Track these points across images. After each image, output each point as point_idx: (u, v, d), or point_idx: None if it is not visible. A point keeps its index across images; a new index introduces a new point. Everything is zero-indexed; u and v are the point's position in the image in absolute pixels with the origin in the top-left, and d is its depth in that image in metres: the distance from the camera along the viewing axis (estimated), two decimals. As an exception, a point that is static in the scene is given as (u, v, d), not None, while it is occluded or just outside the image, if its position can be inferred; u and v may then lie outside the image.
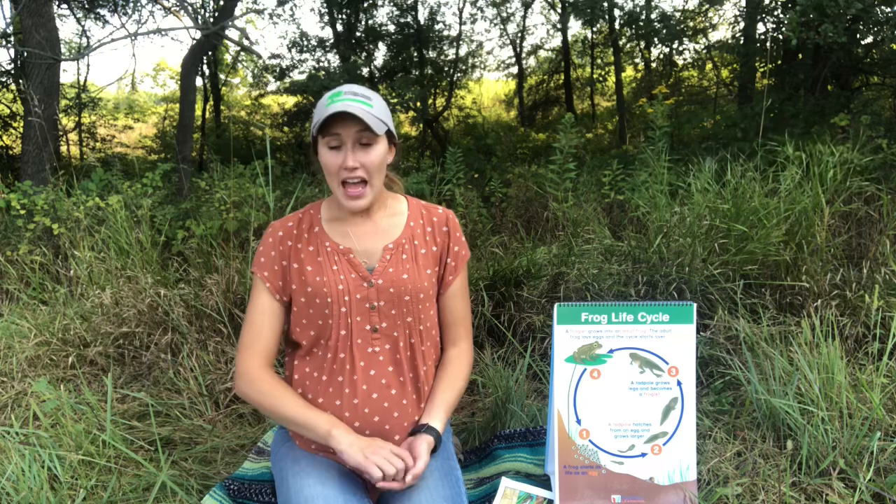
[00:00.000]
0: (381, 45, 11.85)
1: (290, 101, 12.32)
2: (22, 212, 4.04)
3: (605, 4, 7.68)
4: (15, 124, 9.19)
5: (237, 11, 8.76)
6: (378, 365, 1.54)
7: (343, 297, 1.52)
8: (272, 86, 12.86)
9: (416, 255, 1.60)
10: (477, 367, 2.49)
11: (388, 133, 1.53)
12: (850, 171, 3.18)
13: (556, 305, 1.66)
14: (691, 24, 9.23)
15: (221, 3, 8.67)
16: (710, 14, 10.17)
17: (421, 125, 11.23)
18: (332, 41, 11.58)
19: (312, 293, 1.53)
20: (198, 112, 11.52)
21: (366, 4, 11.23)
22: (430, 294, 1.61)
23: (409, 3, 11.44)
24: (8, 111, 9.36)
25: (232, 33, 8.09)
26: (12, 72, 9.07)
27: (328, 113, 1.42)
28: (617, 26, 10.31)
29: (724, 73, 11.07)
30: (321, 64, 11.76)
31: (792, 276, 2.59)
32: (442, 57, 12.40)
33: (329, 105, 1.45)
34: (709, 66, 11.11)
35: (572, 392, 1.66)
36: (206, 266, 3.11)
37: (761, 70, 7.61)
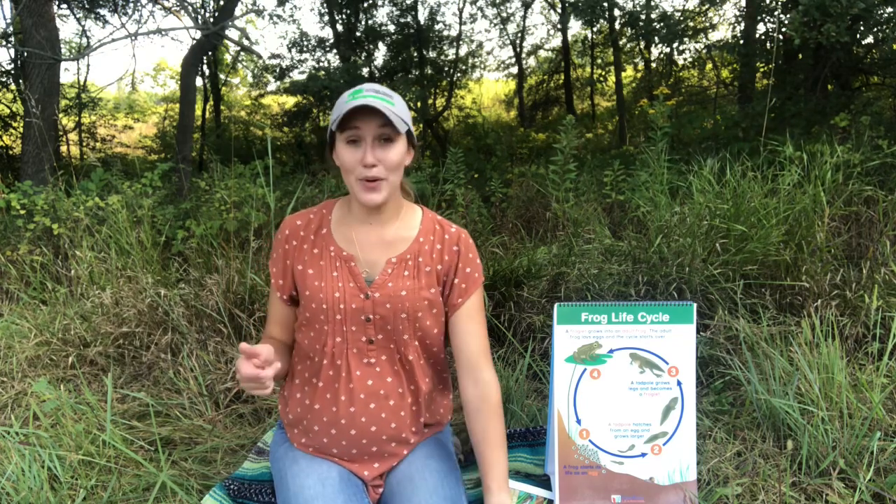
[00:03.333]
0: (381, 45, 11.86)
1: (289, 101, 12.33)
2: (22, 212, 4.04)
3: (605, 4, 7.68)
4: (15, 124, 9.19)
5: (237, 11, 8.76)
6: (375, 375, 1.52)
7: (339, 304, 1.49)
8: (272, 86, 12.87)
9: (420, 272, 1.54)
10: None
11: (408, 133, 1.49)
12: (851, 172, 3.18)
13: (556, 305, 1.65)
14: (691, 24, 9.23)
15: (221, 3, 8.67)
16: (709, 14, 10.17)
17: (421, 125, 11.23)
18: (332, 41, 11.59)
19: (310, 297, 1.52)
20: (198, 112, 11.52)
21: (366, 4, 11.24)
22: (433, 313, 1.55)
23: (409, 3, 11.44)
24: (8, 111, 9.36)
25: (232, 33, 8.10)
26: (12, 72, 9.07)
27: (350, 107, 1.38)
28: (617, 26, 10.32)
29: (724, 73, 11.08)
30: (321, 64, 11.78)
31: (792, 276, 2.59)
32: (442, 57, 12.41)
33: (350, 101, 1.42)
34: (709, 66, 11.12)
35: (572, 392, 1.66)
36: (206, 266, 3.11)
37: (762, 70, 7.61)
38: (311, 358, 1.55)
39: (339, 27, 11.44)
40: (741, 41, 8.00)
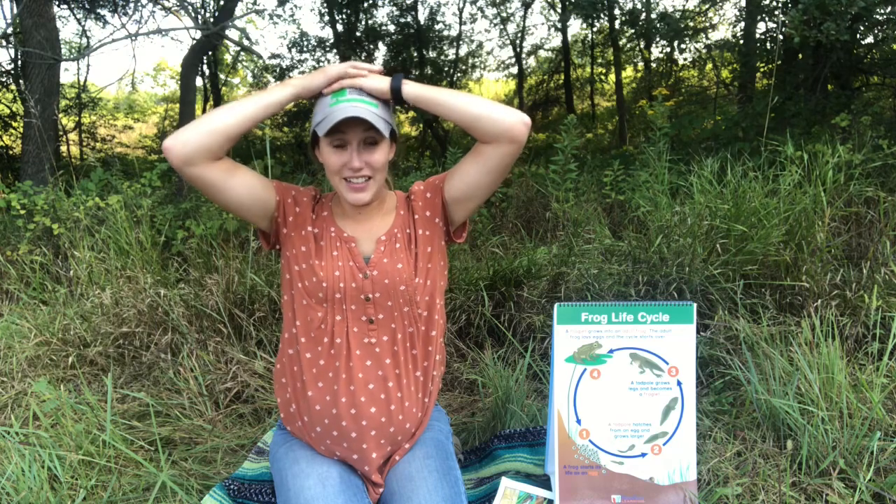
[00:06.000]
0: (381, 45, 11.85)
1: (289, 101, 12.29)
2: (22, 212, 4.03)
3: (606, 1, 7.67)
4: (15, 124, 9.18)
5: (237, 11, 8.76)
6: (375, 356, 1.53)
7: (338, 283, 1.52)
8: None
9: (410, 241, 1.58)
10: (477, 367, 2.49)
11: (391, 131, 1.52)
12: (853, 173, 3.18)
13: (556, 305, 1.65)
14: (692, 24, 9.23)
15: (221, 3, 8.68)
16: (710, 14, 10.17)
17: (421, 125, 11.23)
18: (332, 41, 11.59)
19: (309, 270, 1.53)
20: (198, 112, 11.49)
21: (366, 4, 11.23)
22: (428, 286, 1.57)
23: (409, 3, 11.44)
24: (8, 111, 9.35)
25: (232, 33, 8.09)
26: (12, 72, 9.06)
27: (337, 118, 1.40)
28: (617, 25, 10.32)
29: (725, 73, 11.07)
30: (321, 64, 11.78)
31: (792, 277, 2.59)
32: (442, 57, 12.41)
33: (334, 105, 1.43)
34: (709, 66, 11.11)
35: (572, 392, 1.66)
36: (206, 266, 3.11)
37: (762, 70, 7.61)
38: (310, 338, 1.55)
39: (339, 27, 11.43)
40: (741, 41, 8.01)
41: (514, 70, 14.69)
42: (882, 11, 5.07)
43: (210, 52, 11.11)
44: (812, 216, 2.74)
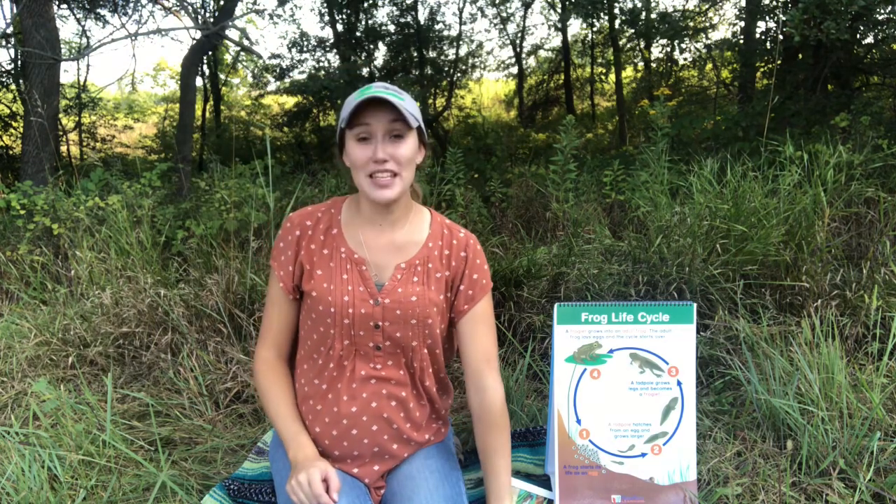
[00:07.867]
0: (381, 45, 11.86)
1: (289, 101, 12.33)
2: (22, 212, 4.04)
3: (606, 1, 7.68)
4: (15, 124, 9.18)
5: (237, 11, 8.76)
6: (379, 377, 1.51)
7: (347, 308, 1.47)
8: (272, 86, 12.86)
9: (429, 278, 1.53)
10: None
11: (419, 130, 1.48)
12: (854, 173, 3.18)
13: (556, 305, 1.66)
14: (692, 24, 9.22)
15: (221, 3, 8.68)
16: (710, 14, 10.17)
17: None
18: (332, 41, 11.59)
19: (317, 298, 1.49)
20: (198, 112, 11.52)
21: (366, 4, 11.24)
22: (439, 320, 1.55)
23: (409, 3, 11.44)
24: (8, 111, 9.35)
25: (232, 33, 8.09)
26: (12, 72, 9.06)
27: (360, 99, 1.38)
28: (617, 24, 10.32)
29: (725, 73, 11.08)
30: (321, 64, 11.78)
31: (792, 277, 2.59)
32: (442, 57, 12.41)
33: (359, 97, 1.41)
34: (709, 66, 11.12)
35: (572, 392, 1.66)
36: (206, 266, 3.11)
37: (762, 70, 7.61)
38: (313, 360, 1.55)
39: (339, 27, 11.44)
40: (741, 40, 8.01)
41: (514, 70, 14.71)
42: (882, 11, 5.07)
43: (210, 52, 11.11)
44: (812, 216, 2.74)
